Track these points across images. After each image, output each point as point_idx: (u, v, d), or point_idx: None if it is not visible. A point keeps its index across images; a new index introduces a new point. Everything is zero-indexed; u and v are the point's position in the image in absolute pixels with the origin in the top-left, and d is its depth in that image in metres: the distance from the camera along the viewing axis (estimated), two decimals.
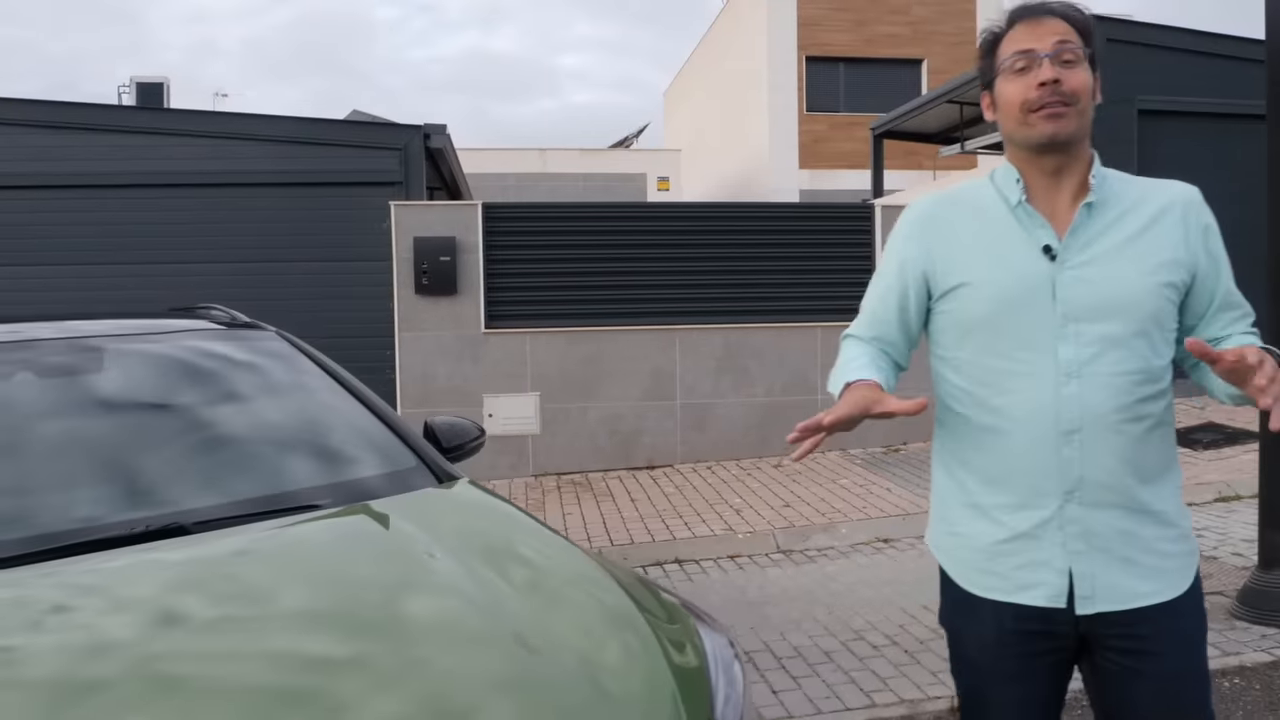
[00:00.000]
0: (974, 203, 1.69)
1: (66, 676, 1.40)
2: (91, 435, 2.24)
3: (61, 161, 7.90)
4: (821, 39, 19.87)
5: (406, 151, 8.06)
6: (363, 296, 7.93)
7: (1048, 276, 1.59)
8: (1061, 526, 1.57)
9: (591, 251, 8.02)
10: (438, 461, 2.44)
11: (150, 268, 7.92)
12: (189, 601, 1.65)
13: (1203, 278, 1.64)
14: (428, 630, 1.59)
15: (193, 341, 2.68)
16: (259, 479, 2.19)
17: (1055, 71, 1.54)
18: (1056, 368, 1.56)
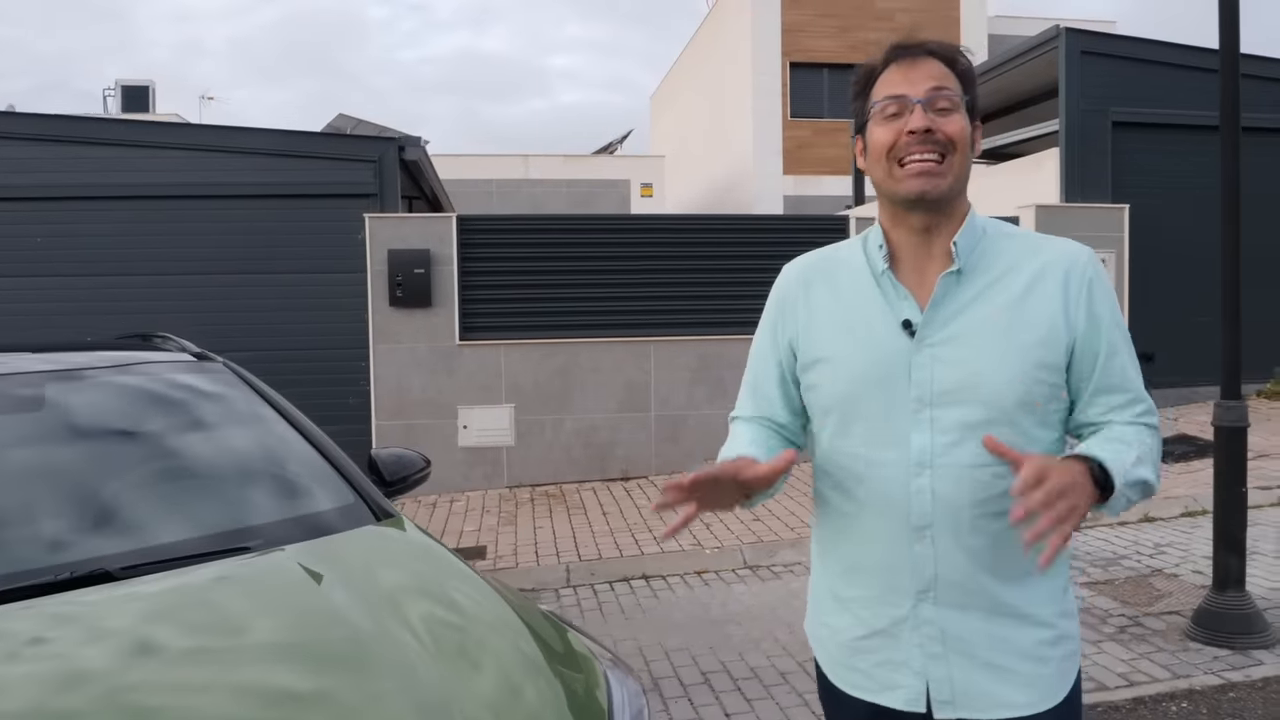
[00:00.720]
0: (846, 265, 1.54)
1: None
2: (22, 475, 2.24)
3: (35, 174, 7.87)
4: (805, 45, 19.91)
5: (381, 164, 8.06)
6: (337, 308, 7.92)
7: (905, 355, 1.43)
8: (917, 627, 1.45)
9: (566, 263, 8.03)
10: (376, 498, 2.46)
11: (125, 279, 7.89)
12: (90, 654, 1.67)
13: (1081, 348, 1.44)
14: (317, 700, 1.61)
15: (137, 376, 2.68)
16: (191, 520, 2.19)
17: (928, 119, 1.41)
18: (909, 458, 1.42)
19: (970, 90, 1.47)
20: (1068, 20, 22.04)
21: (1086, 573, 5.13)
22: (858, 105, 1.51)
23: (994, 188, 10.49)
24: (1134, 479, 1.37)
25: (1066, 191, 9.01)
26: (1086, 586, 4.89)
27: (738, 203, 19.84)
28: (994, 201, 9.42)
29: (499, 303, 7.98)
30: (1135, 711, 3.50)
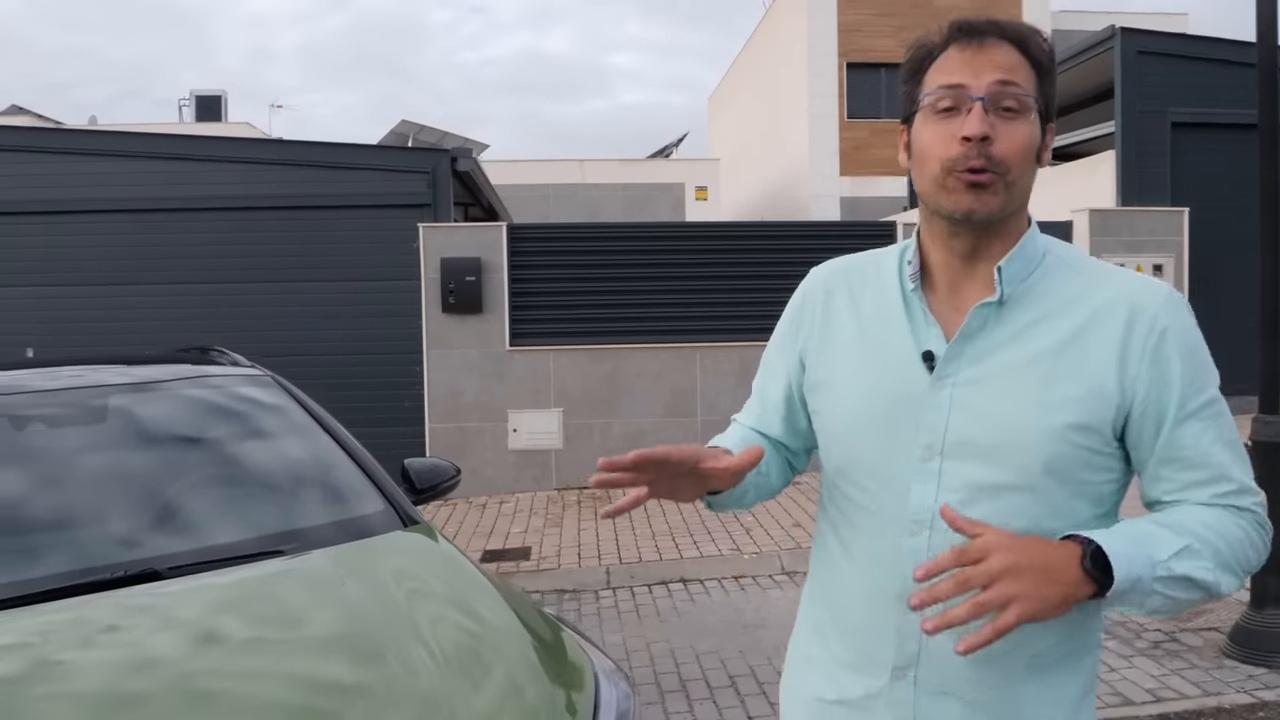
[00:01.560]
0: (876, 277, 1.32)
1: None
2: (90, 480, 2.44)
3: (101, 187, 8.27)
4: (863, 45, 19.78)
5: (435, 174, 8.29)
6: (393, 315, 8.17)
7: (919, 392, 1.21)
8: (887, 707, 1.24)
9: (614, 270, 8.17)
10: (404, 506, 2.61)
11: (187, 288, 8.26)
12: (159, 642, 1.86)
13: (1141, 414, 1.16)
14: (342, 690, 1.76)
15: (190, 389, 2.88)
16: (230, 525, 2.37)
17: (986, 125, 1.14)
18: (904, 512, 1.21)
19: (1047, 85, 1.21)
20: (1136, 14, 21.55)
21: None
22: (907, 90, 1.26)
23: (1047, 192, 10.36)
24: (1176, 574, 1.09)
25: (1123, 195, 8.88)
26: None
27: (793, 205, 19.80)
28: (1047, 206, 9.30)
29: (548, 309, 8.15)
30: None
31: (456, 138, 21.58)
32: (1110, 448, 1.17)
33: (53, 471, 2.46)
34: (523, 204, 16.48)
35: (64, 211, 8.27)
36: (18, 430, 2.57)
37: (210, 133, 22.71)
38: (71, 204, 8.28)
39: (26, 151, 8.47)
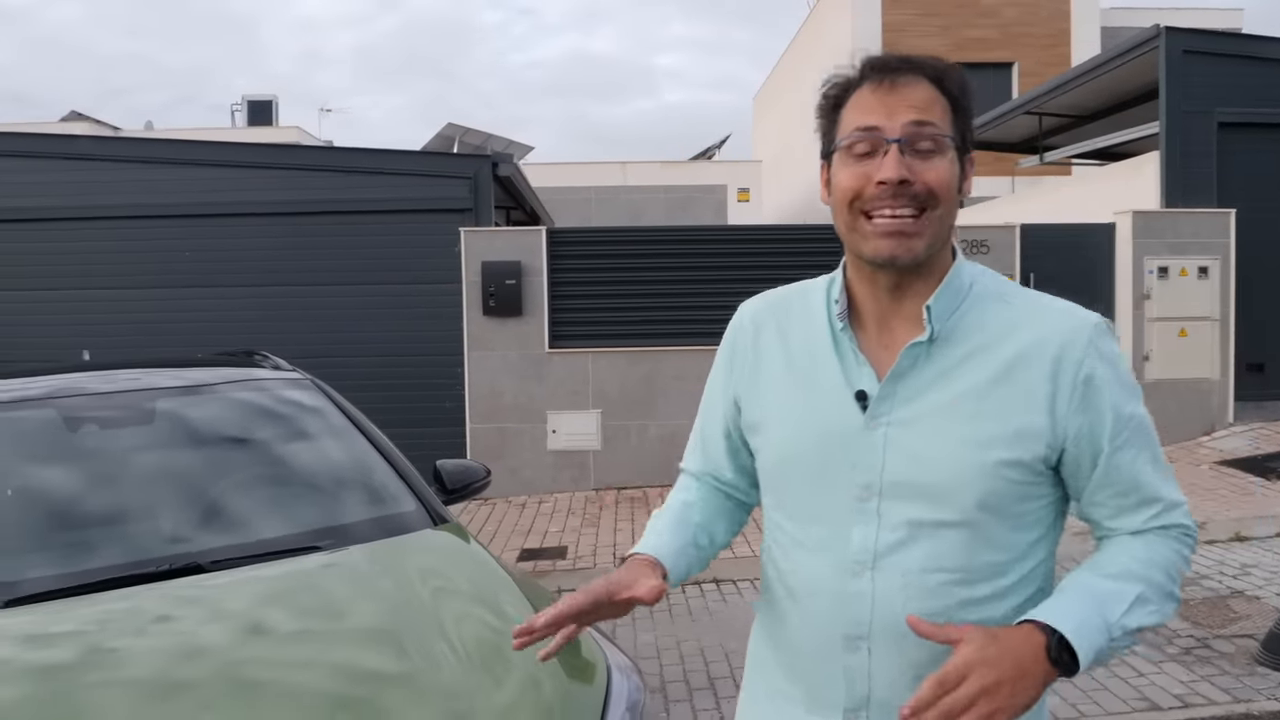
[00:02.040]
0: (804, 310, 1.32)
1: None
2: (140, 478, 2.59)
3: (154, 194, 8.56)
4: (907, 44, 19.62)
5: (476, 180, 8.44)
6: (435, 317, 8.34)
7: (854, 433, 1.20)
8: None
9: (652, 273, 8.26)
10: (435, 506, 2.73)
11: (237, 291, 8.51)
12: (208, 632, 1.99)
13: (1075, 449, 1.18)
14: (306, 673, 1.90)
15: (233, 393, 3.03)
16: (271, 522, 2.51)
17: (902, 168, 1.15)
18: (847, 555, 1.20)
19: (963, 120, 1.21)
20: (1188, 10, 21.10)
21: None
22: (824, 126, 1.25)
23: (1090, 194, 10.25)
24: (1129, 629, 1.13)
25: (1167, 196, 8.75)
26: None
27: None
28: (1089, 208, 9.22)
29: (586, 312, 8.26)
30: None
31: (501, 140, 21.84)
32: (1044, 478, 1.19)
33: (106, 470, 2.62)
34: (565, 207, 16.63)
35: (119, 217, 8.57)
36: (73, 431, 2.73)
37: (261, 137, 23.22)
38: (126, 209, 8.57)
39: (84, 159, 8.80)
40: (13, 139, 9.16)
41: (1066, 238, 8.48)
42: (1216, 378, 8.43)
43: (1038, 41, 19.69)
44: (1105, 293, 8.49)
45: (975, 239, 8.27)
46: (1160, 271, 8.28)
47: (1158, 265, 8.27)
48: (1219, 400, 8.47)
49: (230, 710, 1.72)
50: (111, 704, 1.75)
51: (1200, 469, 7.57)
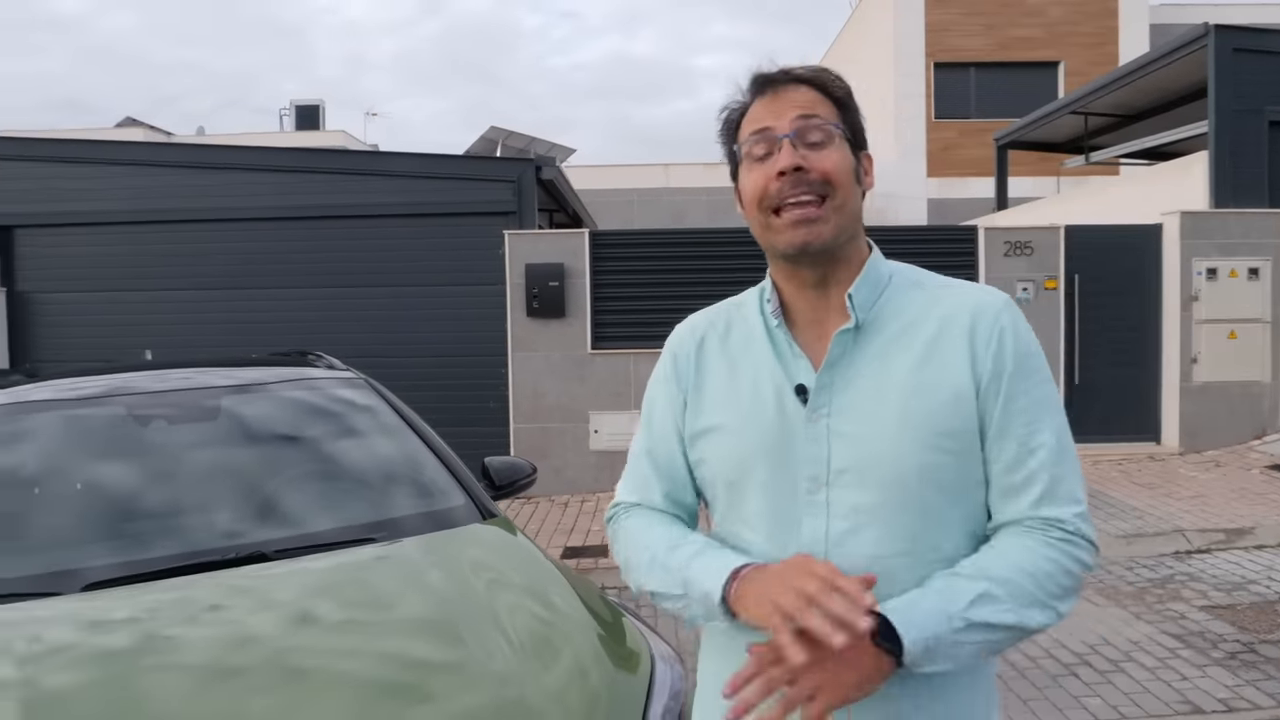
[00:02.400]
0: (741, 320, 1.36)
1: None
2: (201, 473, 2.72)
3: (210, 198, 8.80)
4: (951, 45, 19.50)
5: (520, 183, 8.57)
6: (478, 318, 8.48)
7: (798, 426, 1.23)
8: None
9: (694, 275, 8.31)
10: (483, 500, 2.82)
11: (290, 292, 8.72)
12: (259, 621, 2.08)
13: (986, 406, 1.21)
14: (361, 661, 1.98)
15: (290, 391, 3.15)
16: (327, 514, 2.61)
17: (797, 157, 1.21)
18: (800, 546, 1.20)
19: (850, 116, 1.28)
20: (1240, 5, 20.67)
21: (1208, 596, 5.02)
22: (727, 150, 1.33)
23: (1137, 194, 10.11)
24: (974, 622, 1.12)
25: (1216, 196, 8.62)
26: (1205, 610, 4.80)
27: (879, 207, 19.63)
28: (1136, 208, 9.11)
29: (628, 313, 8.35)
30: None
31: (543, 143, 21.99)
32: (971, 449, 1.20)
33: (172, 463, 2.74)
34: (608, 209, 16.74)
35: (177, 221, 8.84)
36: (142, 426, 2.87)
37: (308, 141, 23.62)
38: (184, 213, 8.83)
39: (140, 165, 9.07)
40: (72, 145, 9.47)
41: (1112, 239, 8.39)
42: (1268, 380, 8.29)
43: (1084, 40, 19.43)
44: (1152, 294, 8.39)
45: (1019, 240, 8.21)
46: (1209, 273, 8.17)
47: (1206, 266, 8.16)
48: (1270, 403, 8.33)
49: (282, 694, 1.81)
50: (174, 683, 1.84)
51: (1251, 473, 7.46)
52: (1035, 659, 4.24)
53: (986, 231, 8.27)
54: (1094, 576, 5.43)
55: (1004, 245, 8.21)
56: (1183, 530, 6.04)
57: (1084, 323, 8.32)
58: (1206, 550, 5.84)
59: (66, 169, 9.14)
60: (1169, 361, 8.36)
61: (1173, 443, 8.33)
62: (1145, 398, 8.48)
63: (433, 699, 1.86)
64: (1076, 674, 4.08)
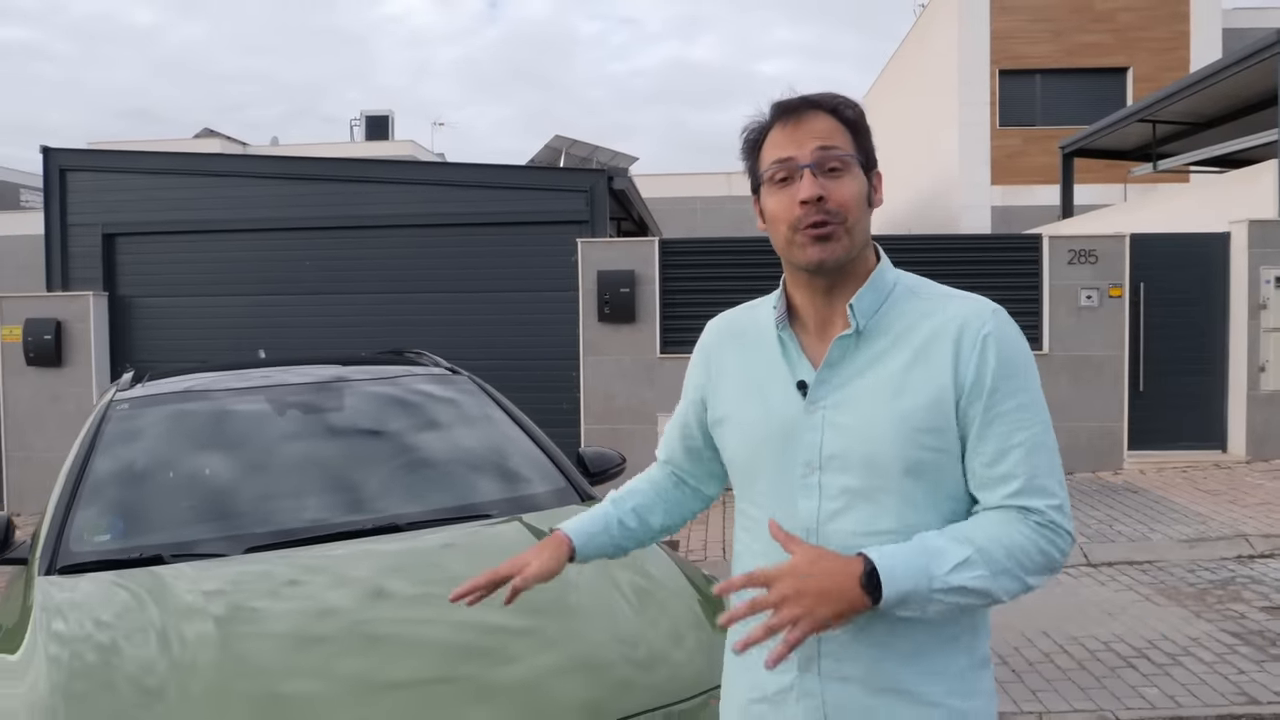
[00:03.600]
0: (754, 323, 1.53)
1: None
2: (337, 456, 3.08)
3: (302, 208, 9.33)
4: (1016, 51, 19.43)
5: (592, 193, 8.91)
6: (552, 323, 8.84)
7: (799, 417, 1.40)
8: (799, 699, 1.38)
9: (758, 282, 8.46)
10: (581, 485, 3.12)
11: (370, 298, 9.19)
12: (335, 595, 2.40)
13: (966, 408, 1.34)
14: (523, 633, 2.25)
15: (408, 384, 3.51)
16: (449, 492, 2.95)
17: (817, 187, 1.36)
18: (795, 523, 1.37)
19: (864, 140, 1.42)
20: None
21: (1269, 598, 5.12)
22: (749, 166, 1.48)
23: (1205, 202, 10.09)
24: (952, 586, 1.25)
25: None
26: (1265, 611, 4.91)
27: (943, 214, 19.63)
28: (1201, 217, 9.13)
29: (696, 319, 8.51)
30: None
31: (606, 151, 22.38)
32: (951, 445, 1.33)
33: (311, 446, 3.11)
34: (672, 217, 17.05)
35: (266, 229, 9.38)
36: (288, 414, 3.24)
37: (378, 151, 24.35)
38: (273, 222, 9.37)
39: (238, 176, 9.64)
40: (168, 158, 10.08)
41: (1179, 247, 8.44)
42: None
43: (1155, 45, 19.20)
44: (1220, 302, 8.42)
45: (1083, 249, 8.31)
46: (1277, 281, 8.17)
47: (1275, 275, 8.17)
48: None
49: (422, 610, 2.11)
50: (337, 600, 2.23)
51: None
52: (1094, 652, 4.42)
53: (1051, 239, 8.38)
54: (1154, 578, 5.57)
55: (1068, 253, 8.31)
56: (1246, 535, 6.12)
57: (1149, 330, 8.38)
58: (1270, 555, 5.92)
59: (163, 180, 9.75)
60: (1236, 369, 8.38)
61: (1239, 451, 8.34)
62: (1211, 405, 8.50)
63: (554, 645, 2.13)
64: (1135, 666, 4.25)
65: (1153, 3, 19.27)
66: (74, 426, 10.08)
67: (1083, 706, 3.86)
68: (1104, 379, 8.33)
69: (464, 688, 1.95)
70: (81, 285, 9.71)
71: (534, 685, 1.96)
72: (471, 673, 2.00)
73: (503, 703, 1.90)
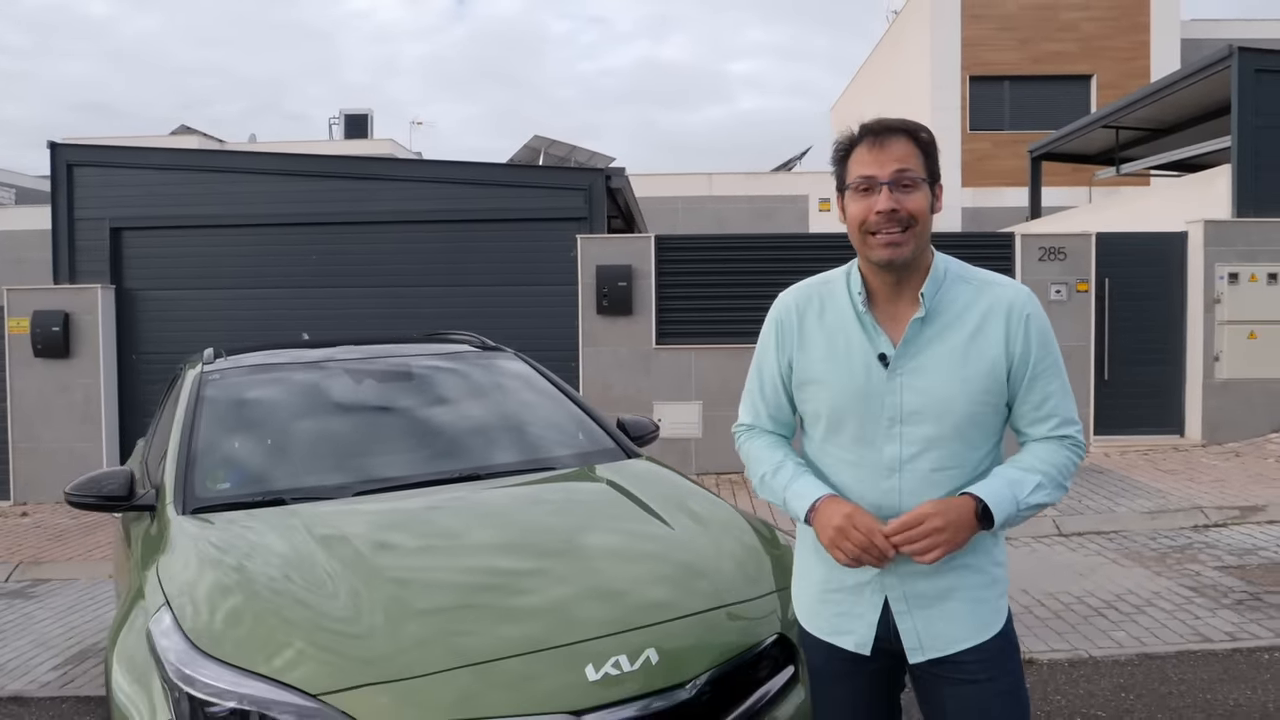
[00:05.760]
0: (833, 299, 1.85)
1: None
2: (415, 416, 3.49)
3: (309, 204, 9.67)
4: (986, 58, 20.12)
5: (590, 191, 9.34)
6: (552, 315, 9.24)
7: (881, 383, 1.76)
8: (880, 590, 1.78)
9: (749, 277, 9.04)
10: (628, 444, 3.56)
11: (372, 290, 9.54)
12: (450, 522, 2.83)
13: (1016, 370, 1.75)
14: (597, 535, 2.72)
15: (463, 357, 3.92)
16: (520, 449, 3.38)
17: (893, 200, 1.69)
18: (881, 463, 1.75)
19: (931, 162, 1.76)
20: (1268, 20, 21.11)
21: (1222, 559, 5.66)
22: (837, 171, 1.81)
23: (1165, 204, 10.71)
24: (1031, 504, 1.72)
25: (1238, 206, 9.23)
26: (1218, 570, 5.45)
27: None
28: (1164, 218, 9.73)
29: (690, 311, 9.08)
30: (1231, 658, 4.16)
31: (584, 151, 22.81)
32: (1003, 398, 1.76)
33: (395, 411, 3.52)
34: (654, 216, 17.46)
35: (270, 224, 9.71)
36: (357, 384, 3.64)
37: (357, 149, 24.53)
38: (276, 217, 9.68)
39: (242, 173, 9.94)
40: (172, 154, 10.35)
41: (1140, 246, 9.03)
42: None
43: (1117, 54, 19.97)
44: (1178, 297, 9.01)
45: (1052, 246, 8.86)
46: (1231, 277, 8.78)
47: (1228, 271, 8.78)
48: None
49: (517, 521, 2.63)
50: (448, 523, 2.68)
51: (1267, 462, 8.07)
52: (1068, 604, 4.92)
53: (1023, 238, 8.93)
54: (1119, 545, 6.10)
55: (1039, 251, 8.86)
56: (1201, 508, 6.68)
57: (1113, 323, 8.96)
58: (1223, 524, 6.48)
59: (170, 175, 9.99)
60: (1193, 360, 8.98)
61: (1195, 435, 8.94)
62: (1170, 393, 9.10)
63: (648, 558, 2.56)
64: (1105, 615, 4.76)
65: (1115, 14, 20.04)
66: (81, 417, 10.32)
67: (1059, 647, 4.35)
68: (1072, 368, 8.78)
69: (572, 565, 2.48)
70: (89, 278, 9.94)
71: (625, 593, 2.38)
72: (572, 565, 2.51)
73: (610, 591, 2.36)
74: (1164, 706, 3.70)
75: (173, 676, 2.05)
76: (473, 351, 4.05)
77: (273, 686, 1.96)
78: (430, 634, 2.09)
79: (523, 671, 1.99)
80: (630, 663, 2.03)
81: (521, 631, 2.10)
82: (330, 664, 2.00)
